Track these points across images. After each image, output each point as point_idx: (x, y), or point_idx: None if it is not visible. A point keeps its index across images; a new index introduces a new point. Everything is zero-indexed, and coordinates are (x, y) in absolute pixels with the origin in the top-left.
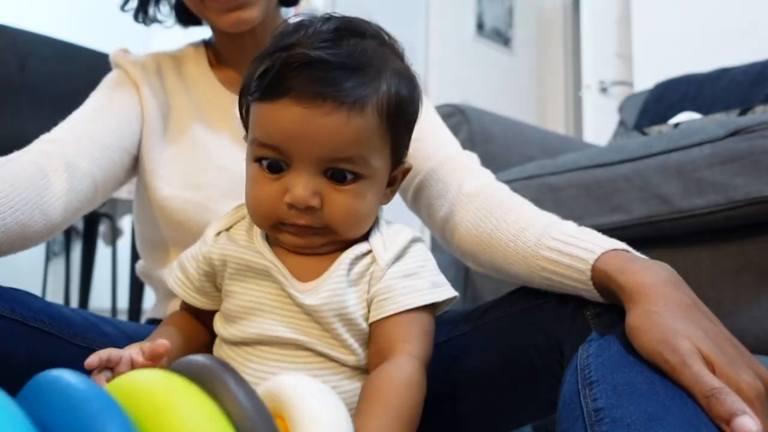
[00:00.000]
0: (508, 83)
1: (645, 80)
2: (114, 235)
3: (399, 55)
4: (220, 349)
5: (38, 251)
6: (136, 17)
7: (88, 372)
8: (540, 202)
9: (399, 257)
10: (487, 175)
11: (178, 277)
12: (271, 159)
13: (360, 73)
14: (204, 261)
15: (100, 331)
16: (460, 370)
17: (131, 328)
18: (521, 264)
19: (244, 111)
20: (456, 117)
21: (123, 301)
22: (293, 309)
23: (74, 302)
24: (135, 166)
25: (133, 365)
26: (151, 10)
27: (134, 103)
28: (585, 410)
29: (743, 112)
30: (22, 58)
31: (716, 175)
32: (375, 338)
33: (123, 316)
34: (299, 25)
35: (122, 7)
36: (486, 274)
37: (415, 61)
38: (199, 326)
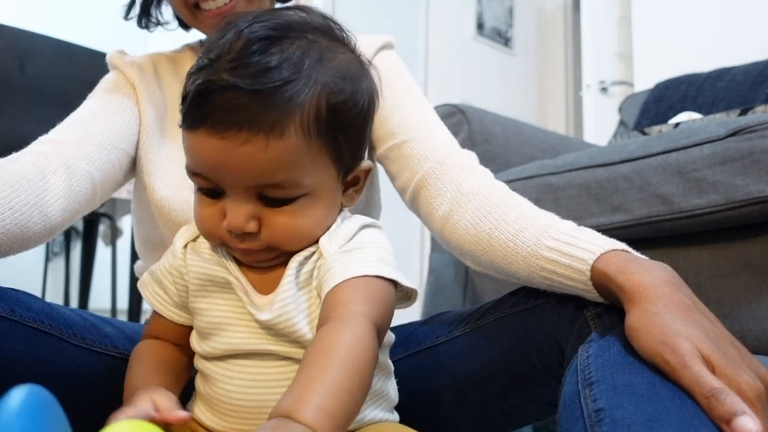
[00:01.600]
0: (508, 83)
1: (645, 80)
2: (114, 235)
3: (347, 48)
4: (199, 363)
5: (38, 251)
6: (139, 23)
7: (89, 375)
8: (540, 202)
9: (344, 244)
10: (486, 174)
11: (157, 292)
12: (205, 187)
13: (279, 93)
14: (178, 275)
15: (100, 331)
16: (461, 370)
17: (131, 328)
18: (521, 264)
19: None
20: (456, 117)
21: (123, 302)
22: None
23: (74, 302)
24: (133, 167)
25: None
26: (153, 15)
27: (131, 105)
28: (585, 411)
29: (743, 112)
30: (22, 58)
31: (716, 175)
32: (321, 312)
33: (123, 317)
34: (226, 31)
35: (125, 17)
36: (486, 274)
37: (415, 61)
38: (173, 351)
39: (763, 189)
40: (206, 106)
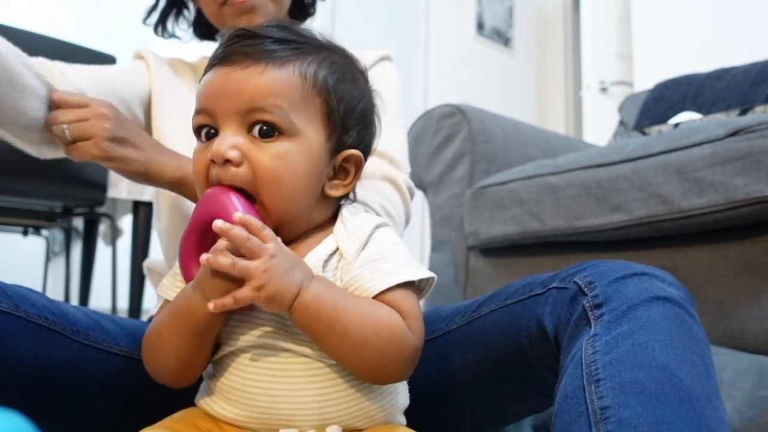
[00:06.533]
0: (508, 83)
1: (645, 80)
2: (114, 235)
3: (361, 77)
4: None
5: (38, 251)
6: (155, 30)
7: (92, 372)
8: (540, 202)
9: (364, 246)
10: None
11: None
12: (203, 125)
13: (292, 46)
14: None
15: (103, 329)
16: (457, 362)
17: (134, 325)
18: None
19: None
20: (456, 117)
21: (123, 301)
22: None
23: (74, 302)
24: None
25: None
26: (170, 26)
27: (143, 75)
28: (590, 407)
29: (743, 112)
30: None
31: (716, 175)
32: None
33: (123, 316)
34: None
35: (144, 21)
36: (486, 274)
37: (415, 61)
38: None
39: (762, 189)
40: (226, 46)
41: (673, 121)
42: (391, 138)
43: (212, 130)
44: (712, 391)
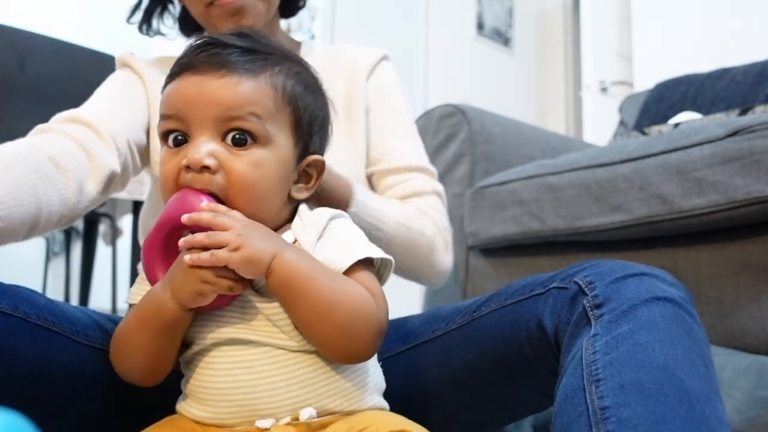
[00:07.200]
0: (508, 83)
1: (645, 80)
2: (114, 235)
3: (320, 86)
4: (184, 357)
5: (38, 251)
6: (140, 29)
7: (92, 372)
8: (540, 202)
9: (320, 236)
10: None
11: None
12: (173, 131)
13: (260, 56)
14: None
15: (103, 328)
16: (457, 362)
17: None
18: None
19: None
20: (456, 117)
21: (123, 301)
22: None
23: (74, 302)
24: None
25: None
26: (155, 23)
27: (141, 97)
28: (590, 407)
29: (743, 112)
30: (22, 58)
31: (716, 175)
32: None
33: (123, 316)
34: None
35: (128, 20)
36: (486, 274)
37: (415, 61)
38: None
39: (762, 189)
40: (195, 54)
41: (673, 121)
42: (417, 147)
43: (180, 136)
44: (712, 391)
